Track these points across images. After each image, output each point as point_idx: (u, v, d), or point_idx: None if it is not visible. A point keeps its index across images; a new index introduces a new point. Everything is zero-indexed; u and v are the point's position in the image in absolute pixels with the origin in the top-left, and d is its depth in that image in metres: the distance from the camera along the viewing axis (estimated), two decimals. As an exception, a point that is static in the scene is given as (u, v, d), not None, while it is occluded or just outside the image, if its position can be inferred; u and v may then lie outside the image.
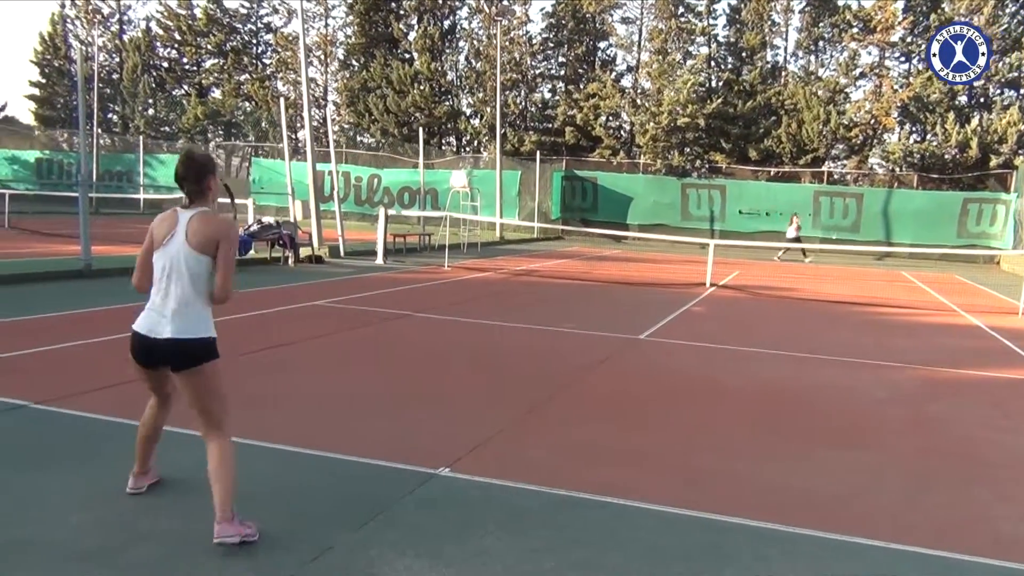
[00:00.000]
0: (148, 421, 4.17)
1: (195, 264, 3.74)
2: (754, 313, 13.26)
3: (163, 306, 3.76)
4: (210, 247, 3.74)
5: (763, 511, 4.30)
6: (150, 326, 3.77)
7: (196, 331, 3.75)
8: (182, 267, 3.74)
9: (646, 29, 42.44)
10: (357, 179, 37.78)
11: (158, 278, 3.79)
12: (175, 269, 3.75)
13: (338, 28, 47.52)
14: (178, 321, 3.72)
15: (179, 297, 3.74)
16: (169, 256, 3.75)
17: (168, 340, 3.71)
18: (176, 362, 3.74)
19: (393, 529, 3.83)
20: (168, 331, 3.71)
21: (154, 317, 3.77)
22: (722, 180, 35.01)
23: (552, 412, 6.28)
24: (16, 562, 3.32)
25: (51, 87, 48.11)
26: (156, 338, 3.73)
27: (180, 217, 3.79)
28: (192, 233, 3.72)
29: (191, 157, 3.86)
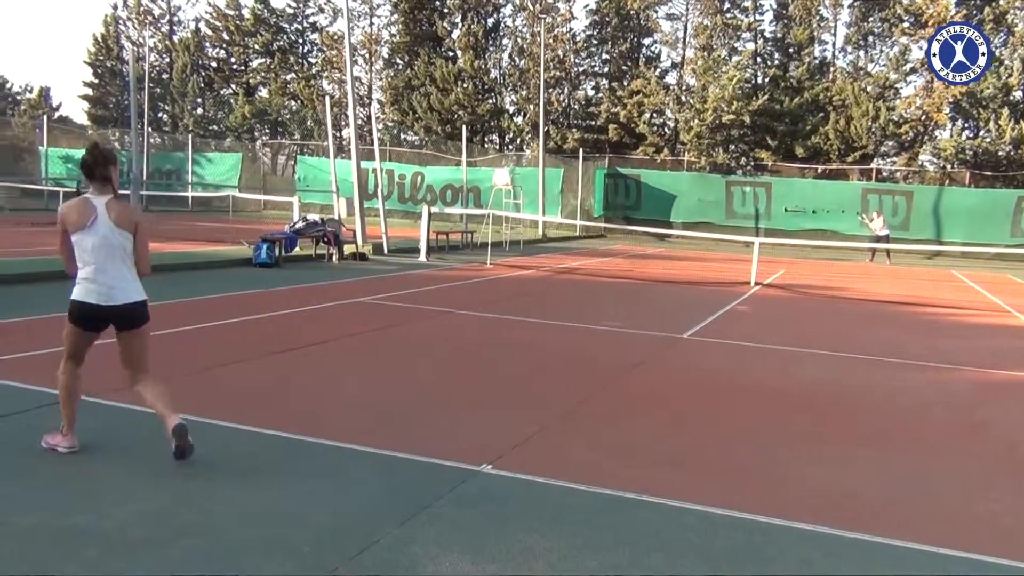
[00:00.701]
0: (71, 383, 4.59)
1: (124, 241, 4.43)
2: (800, 313, 13.08)
3: (107, 278, 4.40)
4: (131, 227, 4.44)
5: (807, 513, 4.23)
6: (101, 296, 4.40)
7: (141, 295, 4.54)
8: (114, 244, 4.39)
9: (691, 25, 42.12)
10: (401, 177, 38.02)
11: (88, 254, 4.37)
12: (108, 246, 4.38)
13: (383, 27, 47.95)
14: (128, 289, 4.46)
15: (119, 269, 4.43)
16: (100, 235, 4.36)
17: (124, 305, 4.45)
18: (127, 323, 4.51)
19: (436, 525, 3.85)
20: (122, 298, 4.43)
21: (101, 289, 4.40)
22: (767, 177, 34.57)
23: (593, 410, 6.26)
24: (70, 550, 3.40)
25: (103, 87, 49.23)
26: (112, 305, 4.41)
27: (96, 203, 4.38)
28: (117, 215, 4.38)
29: (99, 148, 4.48)
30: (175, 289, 11.39)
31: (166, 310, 9.84)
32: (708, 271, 19.68)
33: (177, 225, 23.64)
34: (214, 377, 6.56)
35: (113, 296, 4.40)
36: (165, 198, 36.17)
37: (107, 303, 4.39)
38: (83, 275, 4.41)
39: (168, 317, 9.30)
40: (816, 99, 36.61)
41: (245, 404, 5.78)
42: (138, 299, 4.50)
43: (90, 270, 4.38)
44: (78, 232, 4.35)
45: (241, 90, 48.41)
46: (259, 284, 12.57)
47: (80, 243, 4.36)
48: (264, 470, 4.50)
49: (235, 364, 7.07)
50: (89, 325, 4.49)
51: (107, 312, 4.42)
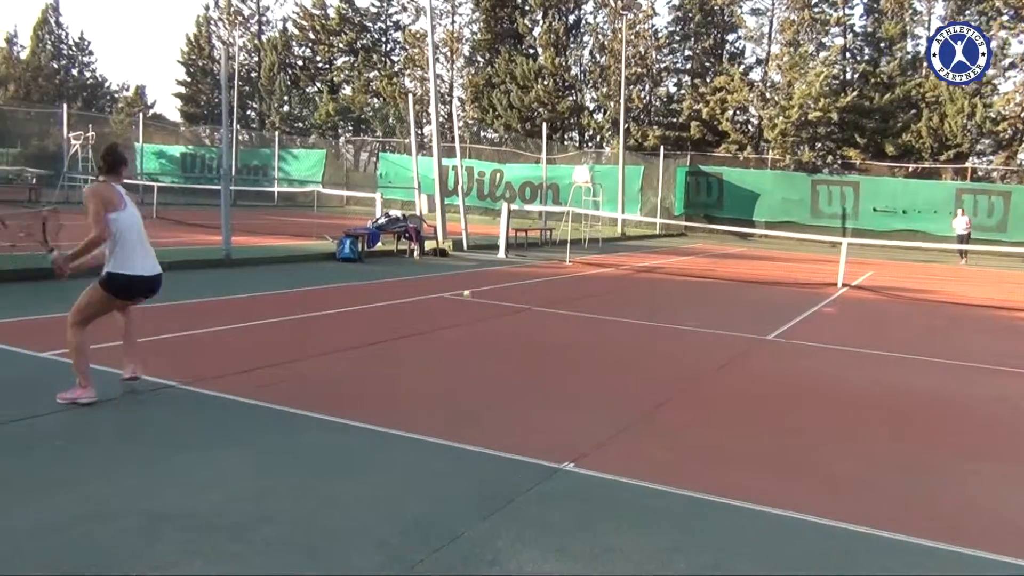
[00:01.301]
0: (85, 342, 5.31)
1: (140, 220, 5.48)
2: (890, 316, 12.65)
3: (148, 251, 5.43)
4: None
5: (894, 522, 4.06)
6: (149, 268, 5.40)
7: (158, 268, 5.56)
8: (141, 224, 5.44)
9: (777, 20, 41.20)
10: (480, 174, 38.24)
11: (130, 232, 5.29)
12: (140, 225, 5.41)
13: (464, 25, 48.30)
14: (155, 260, 5.49)
15: (148, 244, 5.45)
16: (135, 216, 5.38)
17: (159, 274, 5.50)
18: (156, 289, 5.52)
19: (519, 521, 3.83)
20: (159, 268, 5.49)
21: (148, 261, 5.39)
22: (855, 176, 33.58)
23: (677, 411, 6.16)
24: (162, 531, 3.50)
25: (195, 86, 50.90)
26: (157, 274, 5.46)
27: (120, 189, 5.38)
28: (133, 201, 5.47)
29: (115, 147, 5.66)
30: (261, 282, 11.68)
31: (253, 303, 10.10)
32: (792, 271, 19.21)
33: (263, 220, 24.26)
34: (300, 369, 6.69)
35: (155, 267, 5.45)
36: (252, 193, 37.13)
37: (153, 273, 5.42)
38: (126, 251, 5.25)
39: (254, 310, 9.54)
40: (908, 95, 35.37)
41: (329, 396, 5.87)
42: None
43: (134, 246, 5.28)
44: (116, 211, 5.20)
45: (326, 88, 49.45)
46: (342, 278, 12.78)
47: (119, 221, 5.21)
48: (349, 461, 4.56)
49: (320, 357, 7.20)
50: (131, 294, 5.44)
51: (153, 279, 5.44)
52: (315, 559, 3.36)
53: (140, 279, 5.31)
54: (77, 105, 43.12)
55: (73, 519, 3.58)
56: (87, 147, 27.13)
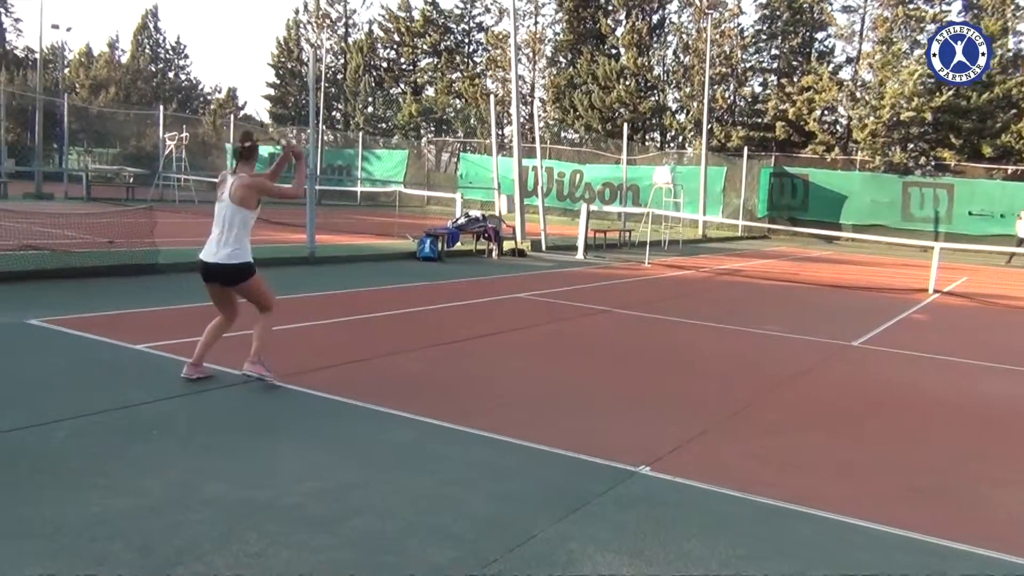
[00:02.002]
0: (213, 328, 5.97)
1: (236, 213, 5.76)
2: (984, 324, 12.18)
3: (218, 239, 5.75)
4: (246, 200, 5.79)
5: (989, 539, 3.93)
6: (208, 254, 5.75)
7: (237, 259, 5.76)
8: (228, 216, 5.78)
9: (869, 17, 40.00)
10: (560, 175, 38.23)
11: (217, 220, 5.81)
12: (224, 215, 5.79)
13: (547, 25, 48.32)
14: (223, 253, 5.71)
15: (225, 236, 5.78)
16: (222, 209, 5.78)
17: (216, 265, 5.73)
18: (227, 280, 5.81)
19: (594, 524, 3.85)
20: (217, 258, 5.71)
21: (212, 248, 5.74)
22: (949, 178, 32.33)
23: (755, 417, 6.07)
24: (253, 521, 3.64)
25: (284, 87, 52.31)
26: (213, 263, 5.72)
27: (229, 179, 5.84)
28: (234, 191, 5.73)
29: (251, 135, 6.22)
30: (344, 280, 11.95)
31: (335, 300, 10.35)
32: (881, 276, 18.65)
33: (346, 219, 24.77)
34: (380, 366, 6.84)
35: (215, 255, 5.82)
36: (336, 193, 37.93)
37: (209, 260, 5.84)
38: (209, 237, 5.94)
39: (337, 307, 9.78)
40: (1008, 94, 33.88)
41: (409, 393, 5.99)
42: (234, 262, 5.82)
43: (211, 233, 5.90)
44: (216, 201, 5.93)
45: (409, 89, 50.19)
46: (422, 277, 12.98)
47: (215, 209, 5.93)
48: (428, 458, 4.65)
49: (400, 354, 7.34)
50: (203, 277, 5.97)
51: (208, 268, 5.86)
52: (397, 554, 3.45)
53: (200, 264, 5.80)
54: (172, 107, 44.82)
55: (165, 504, 3.76)
56: (181, 147, 28.16)
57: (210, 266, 5.72)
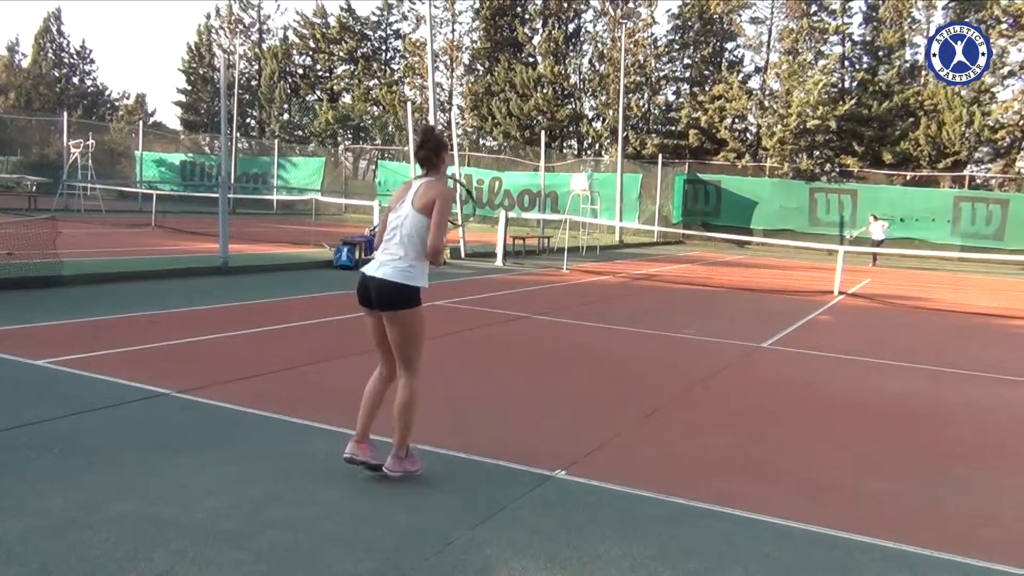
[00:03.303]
0: (371, 389, 4.63)
1: (416, 223, 4.33)
2: (886, 323, 12.70)
3: (384, 251, 4.43)
4: (429, 208, 4.31)
5: (891, 531, 4.11)
6: (371, 267, 4.43)
7: (404, 278, 4.32)
8: (402, 226, 4.36)
9: (776, 29, 41.39)
10: (479, 182, 38.31)
11: (388, 232, 4.44)
12: (396, 223, 4.39)
13: (464, 33, 48.45)
14: (390, 268, 4.33)
15: (397, 249, 4.36)
16: (399, 216, 4.39)
17: (376, 280, 4.35)
18: (384, 303, 4.36)
19: (509, 529, 3.87)
20: (380, 273, 4.35)
21: (376, 263, 4.43)
22: (853, 184, 33.68)
23: (669, 419, 6.20)
24: (160, 539, 3.53)
25: (196, 94, 51.07)
26: (372, 277, 4.37)
27: (412, 184, 4.48)
28: (418, 197, 4.35)
29: (432, 130, 4.78)
30: (258, 290, 11.73)
31: (249, 311, 10.15)
32: (789, 279, 19.26)
33: (261, 228, 24.32)
34: (296, 377, 6.73)
35: (377, 269, 4.40)
36: (251, 201, 37.21)
37: (370, 273, 4.44)
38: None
39: (251, 317, 9.59)
40: (906, 104, 35.51)
41: (326, 403, 5.91)
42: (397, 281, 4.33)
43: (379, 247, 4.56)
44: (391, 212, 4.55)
45: (325, 96, 49.60)
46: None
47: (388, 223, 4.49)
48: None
49: (316, 364, 7.24)
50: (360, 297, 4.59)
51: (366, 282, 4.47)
52: (312, 566, 3.40)
53: (359, 282, 4.52)
54: (77, 113, 43.25)
55: (66, 525, 3.62)
56: (87, 155, 27.19)
57: (369, 282, 4.38)
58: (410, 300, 4.33)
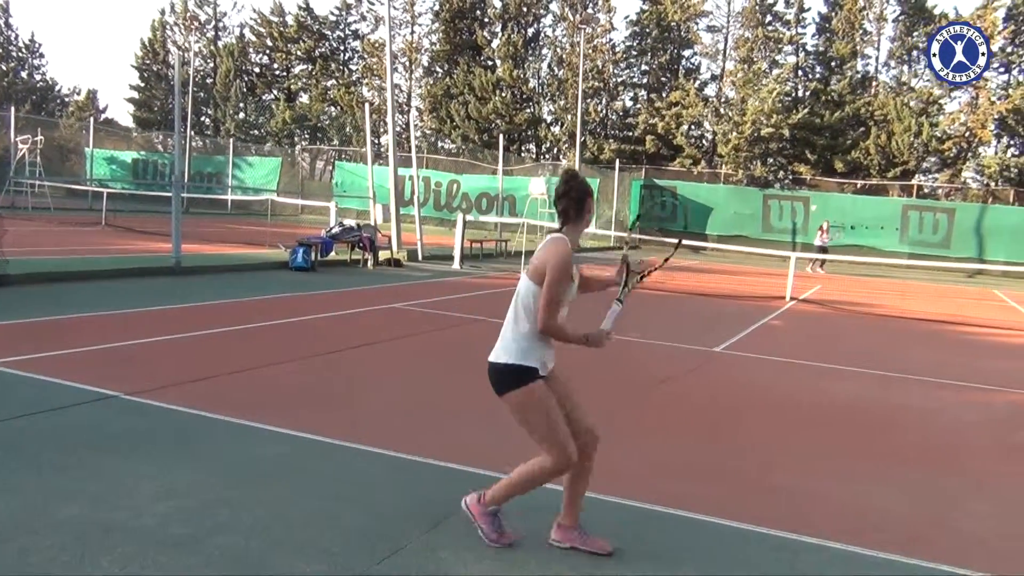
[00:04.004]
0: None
1: (524, 292, 3.72)
2: (836, 329, 12.94)
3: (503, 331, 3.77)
4: (541, 275, 3.65)
5: (839, 532, 4.19)
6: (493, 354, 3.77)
7: (505, 356, 3.71)
8: (518, 292, 3.76)
9: (732, 38, 41.91)
10: (437, 184, 38.22)
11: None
12: (516, 294, 3.77)
13: (423, 35, 48.29)
14: (497, 345, 3.75)
15: (506, 322, 3.77)
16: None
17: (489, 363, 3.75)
18: (493, 386, 3.77)
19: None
20: (493, 356, 3.74)
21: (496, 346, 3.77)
22: (806, 192, 34.25)
23: (624, 423, 6.25)
24: (108, 544, 3.47)
25: (149, 91, 50.15)
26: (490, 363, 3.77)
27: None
28: (532, 260, 3.71)
29: (575, 175, 3.79)
30: (211, 291, 11.57)
31: (201, 312, 10.01)
32: (743, 285, 19.53)
33: (216, 228, 23.99)
34: (249, 380, 6.66)
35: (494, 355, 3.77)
36: (205, 201, 36.69)
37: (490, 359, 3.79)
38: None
39: (203, 319, 9.46)
40: (857, 113, 36.23)
41: (277, 406, 5.85)
42: (494, 360, 3.75)
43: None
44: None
45: (282, 95, 49.06)
46: (295, 288, 12.71)
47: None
48: (296, 472, 4.57)
49: (270, 367, 7.17)
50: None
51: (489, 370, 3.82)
52: (262, 570, 3.37)
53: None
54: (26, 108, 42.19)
55: (11, 530, 3.54)
56: (35, 151, 26.58)
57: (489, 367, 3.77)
58: (511, 382, 3.70)
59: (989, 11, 34.63)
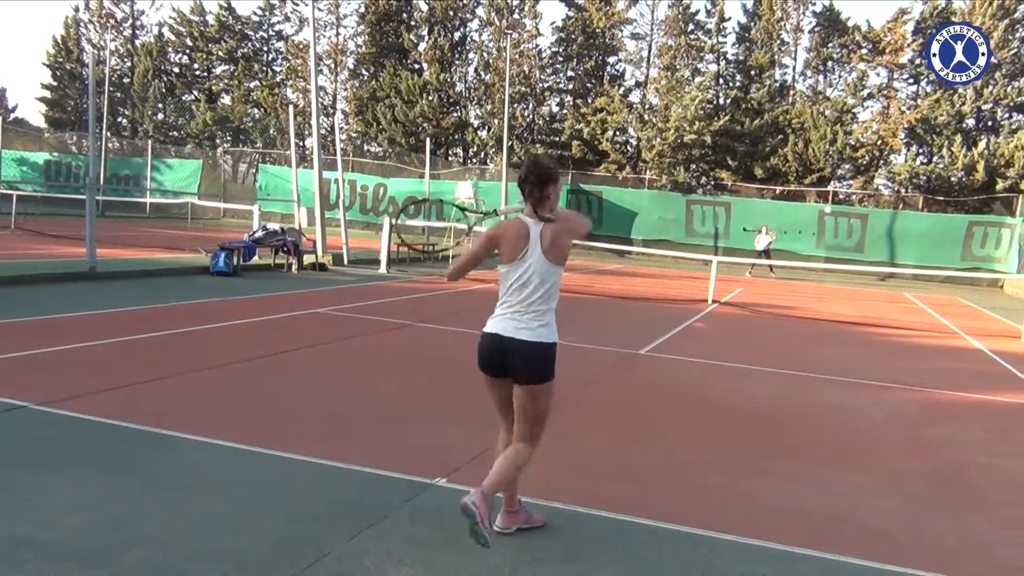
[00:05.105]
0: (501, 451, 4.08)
1: (553, 274, 3.85)
2: (755, 331, 13.26)
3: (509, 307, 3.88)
4: (563, 256, 3.87)
5: (759, 529, 4.30)
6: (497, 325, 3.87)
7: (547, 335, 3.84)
8: (540, 280, 3.83)
9: (655, 45, 42.59)
10: (363, 188, 37.87)
11: (512, 288, 3.88)
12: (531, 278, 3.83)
13: (349, 37, 47.75)
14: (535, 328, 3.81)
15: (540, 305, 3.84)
16: (529, 266, 3.82)
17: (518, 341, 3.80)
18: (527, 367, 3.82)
19: (388, 538, 3.84)
20: (523, 335, 3.80)
21: (502, 320, 3.87)
22: (727, 197, 35.05)
23: (550, 424, 6.26)
24: (13, 560, 3.33)
25: (62, 90, 48.37)
26: (500, 335, 3.84)
27: (531, 230, 3.82)
28: (548, 246, 3.80)
29: (536, 162, 3.90)
30: (128, 297, 11.23)
31: (117, 318, 9.70)
32: (667, 288, 19.87)
33: (134, 231, 23.28)
34: (166, 388, 6.48)
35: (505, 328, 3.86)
36: (122, 204, 35.60)
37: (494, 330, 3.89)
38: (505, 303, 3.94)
39: (119, 325, 9.17)
40: (776, 121, 37.23)
41: (197, 414, 5.71)
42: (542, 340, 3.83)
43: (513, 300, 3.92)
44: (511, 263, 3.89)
45: (203, 96, 47.89)
46: (216, 293, 12.43)
47: (509, 273, 3.92)
48: (214, 481, 4.46)
49: (188, 375, 6.99)
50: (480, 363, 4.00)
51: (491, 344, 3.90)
52: (175, 583, 3.28)
53: (487, 344, 3.93)
54: (-73, 106, 40.30)
55: (-92, 549, 3.37)
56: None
57: (509, 344, 3.80)
58: (553, 364, 3.86)
59: (899, 24, 36.04)
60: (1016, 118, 35.20)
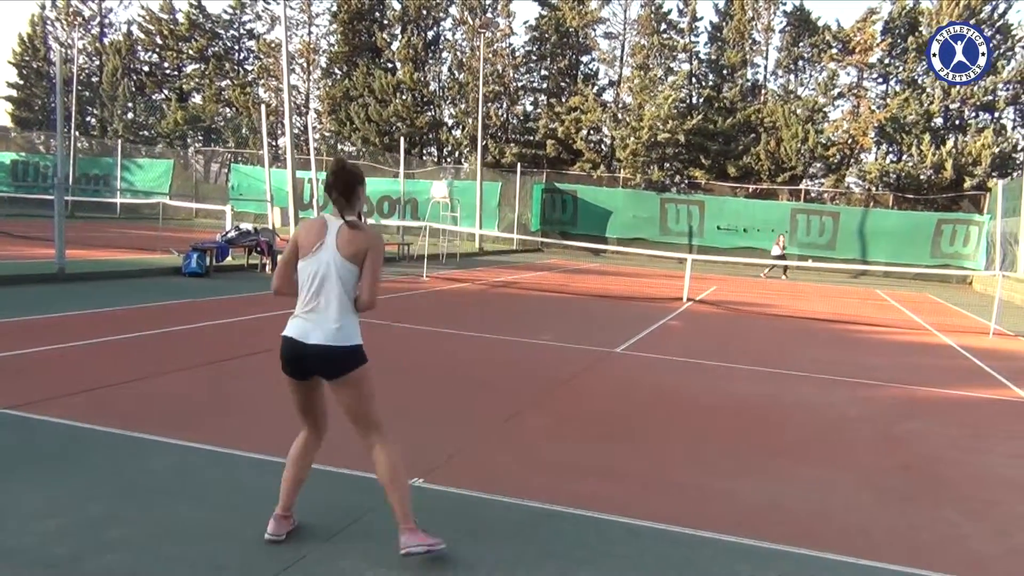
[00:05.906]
0: (297, 456, 3.98)
1: (347, 272, 3.75)
2: (730, 329, 13.34)
3: (317, 314, 3.75)
4: (360, 257, 3.75)
5: (736, 526, 4.32)
6: (302, 332, 3.74)
7: (347, 338, 3.79)
8: (336, 276, 3.74)
9: (628, 44, 42.75)
10: (337, 187, 37.63)
11: (306, 285, 3.77)
12: (327, 277, 3.74)
13: (321, 36, 47.49)
14: (331, 330, 3.73)
15: (331, 305, 3.75)
16: (320, 263, 3.73)
17: (320, 347, 3.70)
18: (329, 370, 3.76)
19: (365, 539, 3.82)
20: (317, 338, 3.71)
21: (306, 324, 3.75)
22: (701, 196, 35.26)
23: (527, 424, 6.28)
24: (-19, 569, 3.27)
25: (29, 89, 47.66)
26: (306, 343, 3.71)
27: (329, 226, 3.77)
28: (344, 243, 3.72)
29: (342, 165, 3.88)
30: (98, 299, 11.09)
31: (88, 320, 9.57)
32: (642, 287, 19.94)
33: (104, 232, 22.99)
34: (139, 390, 6.40)
35: (311, 335, 3.73)
36: (92, 204, 35.15)
37: (303, 339, 3.74)
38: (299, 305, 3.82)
39: (89, 328, 9.05)
40: (748, 120, 37.52)
41: (170, 417, 5.64)
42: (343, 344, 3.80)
43: (304, 300, 3.80)
44: (304, 258, 3.78)
45: (174, 95, 47.40)
46: (188, 294, 12.30)
47: (301, 270, 3.80)
48: (189, 484, 4.41)
49: (162, 376, 6.90)
50: (285, 367, 3.85)
51: (299, 350, 3.75)
52: (148, 588, 3.23)
53: (289, 349, 3.79)
54: None
55: None
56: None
57: (309, 351, 3.71)
58: (360, 360, 3.83)
59: (868, 24, 36.46)
60: (983, 117, 35.75)
